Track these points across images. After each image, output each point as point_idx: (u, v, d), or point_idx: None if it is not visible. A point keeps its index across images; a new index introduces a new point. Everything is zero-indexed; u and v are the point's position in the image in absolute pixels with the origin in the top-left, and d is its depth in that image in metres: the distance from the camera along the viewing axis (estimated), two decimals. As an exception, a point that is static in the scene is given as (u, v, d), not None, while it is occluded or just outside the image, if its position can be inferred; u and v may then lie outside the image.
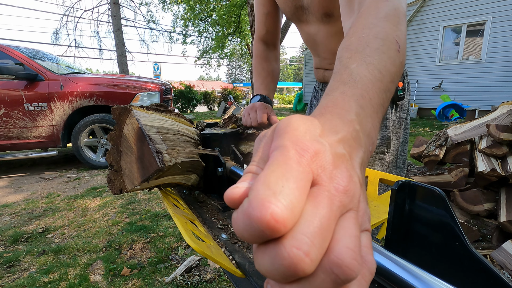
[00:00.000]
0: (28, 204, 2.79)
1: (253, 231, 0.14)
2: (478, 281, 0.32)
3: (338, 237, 0.15)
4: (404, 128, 0.88)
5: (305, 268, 0.13)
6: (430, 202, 0.35)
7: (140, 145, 0.48)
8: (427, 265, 0.36)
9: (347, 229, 0.15)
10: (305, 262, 0.13)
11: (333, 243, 0.14)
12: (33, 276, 1.67)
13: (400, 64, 0.36)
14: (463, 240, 0.33)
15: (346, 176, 0.17)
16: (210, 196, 0.64)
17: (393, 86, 0.34)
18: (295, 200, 0.14)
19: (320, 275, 0.14)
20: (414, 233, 0.38)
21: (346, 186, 0.16)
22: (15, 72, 3.54)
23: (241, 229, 0.14)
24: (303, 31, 0.90)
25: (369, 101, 0.27)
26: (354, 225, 0.16)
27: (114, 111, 0.51)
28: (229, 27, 13.04)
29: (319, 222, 0.14)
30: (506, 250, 1.38)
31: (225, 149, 0.63)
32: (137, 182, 0.48)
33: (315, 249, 0.13)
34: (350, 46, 0.34)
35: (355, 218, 0.16)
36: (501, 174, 1.63)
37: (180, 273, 1.64)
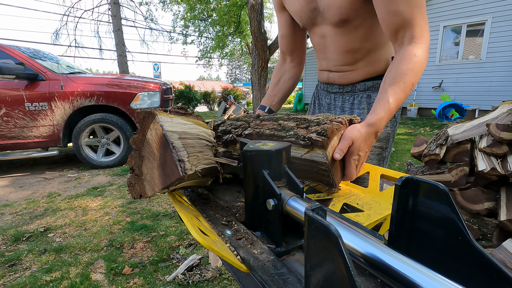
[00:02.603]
0: (29, 204, 2.80)
1: None
2: (482, 275, 0.32)
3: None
4: (396, 127, 1.01)
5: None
6: (433, 198, 0.35)
7: (163, 151, 0.49)
8: (430, 260, 0.36)
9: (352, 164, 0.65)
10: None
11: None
12: (35, 275, 1.68)
13: (408, 95, 0.73)
14: (466, 235, 0.33)
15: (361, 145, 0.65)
16: (255, 234, 0.52)
17: (400, 105, 0.74)
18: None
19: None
20: (417, 228, 0.38)
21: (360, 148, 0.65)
22: (16, 72, 3.54)
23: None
24: (315, 33, 0.95)
25: (390, 114, 0.70)
26: (356, 162, 0.66)
27: (138, 115, 0.52)
28: (229, 27, 13.04)
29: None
30: (506, 249, 1.38)
31: (275, 171, 0.47)
32: (157, 188, 0.49)
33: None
34: (389, 80, 0.72)
35: (357, 159, 0.66)
36: (501, 173, 1.64)
37: (181, 272, 1.64)
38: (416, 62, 0.70)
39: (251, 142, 0.51)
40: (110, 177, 3.64)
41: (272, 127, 0.68)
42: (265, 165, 0.47)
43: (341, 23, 0.83)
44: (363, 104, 0.95)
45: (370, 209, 0.59)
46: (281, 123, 0.68)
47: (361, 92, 0.96)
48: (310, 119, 0.67)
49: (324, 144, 0.58)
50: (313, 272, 0.30)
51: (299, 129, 0.64)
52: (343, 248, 0.25)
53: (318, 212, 0.30)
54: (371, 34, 0.85)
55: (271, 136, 0.66)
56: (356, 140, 0.63)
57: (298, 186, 0.46)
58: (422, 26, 0.72)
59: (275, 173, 0.47)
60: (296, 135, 0.62)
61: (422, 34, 0.72)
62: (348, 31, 0.85)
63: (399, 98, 0.70)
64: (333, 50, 0.92)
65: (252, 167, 0.48)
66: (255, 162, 0.47)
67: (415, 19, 0.71)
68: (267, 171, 0.46)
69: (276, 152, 0.47)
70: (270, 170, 0.47)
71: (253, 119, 0.77)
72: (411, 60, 0.70)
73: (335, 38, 0.88)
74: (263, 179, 0.46)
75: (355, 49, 0.88)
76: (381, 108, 0.69)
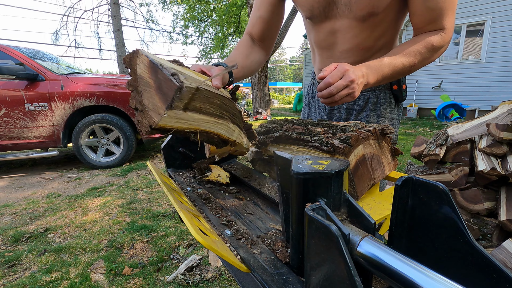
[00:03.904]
0: (29, 204, 2.80)
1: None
2: (482, 275, 0.32)
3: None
4: (398, 126, 1.00)
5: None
6: (433, 198, 0.35)
7: (155, 76, 0.46)
8: (430, 260, 0.36)
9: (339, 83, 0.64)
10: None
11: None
12: (35, 276, 1.68)
13: (407, 72, 0.77)
14: (466, 235, 0.33)
15: (351, 72, 0.65)
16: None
17: (396, 77, 0.77)
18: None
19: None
20: (417, 228, 0.38)
21: (352, 77, 0.65)
22: (16, 72, 3.54)
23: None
24: (324, 28, 0.88)
25: (381, 78, 0.74)
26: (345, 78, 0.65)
27: (124, 60, 0.51)
28: (229, 27, 13.04)
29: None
30: (506, 249, 1.38)
31: (334, 199, 0.37)
32: (162, 110, 0.44)
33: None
34: (399, 51, 0.76)
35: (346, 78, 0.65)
36: (501, 173, 1.64)
37: (181, 272, 1.64)
38: (430, 51, 0.75)
39: (296, 159, 0.40)
40: (110, 177, 3.64)
41: (301, 131, 0.70)
42: (322, 192, 0.35)
43: (368, 16, 0.78)
44: (370, 105, 0.92)
45: (370, 209, 0.59)
46: (309, 127, 0.70)
47: (367, 92, 0.92)
48: (338, 126, 0.67)
49: (345, 151, 0.58)
50: (313, 272, 0.30)
51: (325, 134, 0.65)
52: (343, 248, 0.25)
53: (319, 212, 0.30)
54: (387, 31, 0.84)
55: (297, 140, 0.67)
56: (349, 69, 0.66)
57: (368, 220, 0.34)
58: (451, 21, 0.76)
59: (334, 203, 0.36)
60: (320, 141, 0.63)
61: (449, 29, 0.76)
62: (368, 27, 0.81)
63: (396, 72, 0.75)
64: (345, 48, 0.87)
65: (304, 195, 0.36)
66: (309, 188, 0.35)
67: (448, 16, 0.74)
68: (324, 200, 0.35)
69: (336, 174, 0.35)
70: (328, 198, 0.36)
71: (287, 122, 0.79)
72: (427, 47, 0.75)
73: (350, 33, 0.83)
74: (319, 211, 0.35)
75: (369, 46, 0.85)
76: (378, 68, 0.72)
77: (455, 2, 0.74)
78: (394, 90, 0.91)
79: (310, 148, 0.65)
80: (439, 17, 0.74)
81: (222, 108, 0.51)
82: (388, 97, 0.92)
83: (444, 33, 0.75)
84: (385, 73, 0.73)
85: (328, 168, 0.36)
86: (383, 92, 0.91)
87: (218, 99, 0.50)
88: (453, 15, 0.75)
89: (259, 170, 0.80)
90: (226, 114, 0.52)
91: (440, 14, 0.73)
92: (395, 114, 0.95)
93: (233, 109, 0.53)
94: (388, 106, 0.92)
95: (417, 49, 0.74)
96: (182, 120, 0.45)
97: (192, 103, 0.45)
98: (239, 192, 0.70)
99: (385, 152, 0.69)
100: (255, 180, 0.71)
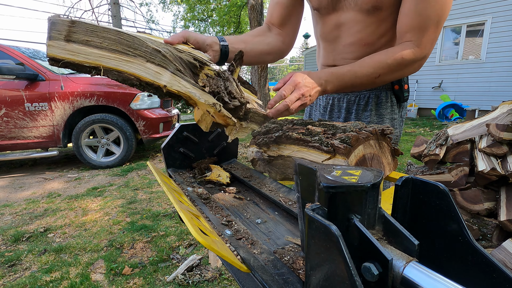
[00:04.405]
0: (29, 204, 2.80)
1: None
2: (482, 275, 0.32)
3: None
4: (403, 126, 0.99)
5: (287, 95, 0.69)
6: (433, 198, 0.35)
7: None
8: (430, 260, 0.37)
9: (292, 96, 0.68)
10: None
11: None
12: (35, 275, 1.68)
13: (373, 83, 0.79)
14: (466, 235, 0.33)
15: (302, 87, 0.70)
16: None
17: (359, 87, 0.82)
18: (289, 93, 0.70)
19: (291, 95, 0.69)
20: (417, 228, 0.38)
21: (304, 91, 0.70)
22: (16, 72, 3.55)
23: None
24: (330, 21, 0.87)
25: (340, 87, 0.77)
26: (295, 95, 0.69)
27: None
28: (229, 27, 13.05)
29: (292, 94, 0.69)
30: (506, 249, 1.38)
31: (369, 215, 0.32)
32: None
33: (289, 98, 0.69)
34: (366, 61, 0.77)
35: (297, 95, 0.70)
36: (501, 173, 1.64)
37: (181, 272, 1.64)
38: (399, 64, 0.73)
39: (322, 169, 0.35)
40: (110, 177, 3.64)
41: (301, 131, 0.70)
42: (356, 208, 0.31)
43: (372, 10, 0.78)
44: (371, 105, 0.91)
45: (370, 209, 0.59)
46: (310, 127, 0.70)
47: (367, 91, 0.91)
48: (338, 126, 0.67)
49: (345, 152, 0.58)
50: (313, 272, 0.30)
51: (325, 134, 0.65)
52: (343, 248, 0.25)
53: (319, 212, 0.30)
54: (390, 30, 0.83)
55: (297, 140, 0.67)
56: (300, 81, 0.69)
57: (409, 241, 0.29)
58: (431, 38, 0.73)
59: (369, 219, 0.32)
60: (320, 141, 0.63)
61: (426, 46, 0.74)
62: (373, 23, 0.81)
63: (358, 81, 0.76)
64: (349, 42, 0.86)
65: (335, 212, 0.31)
66: (340, 203, 0.31)
67: (430, 28, 0.72)
68: (358, 216, 0.31)
69: (372, 187, 0.31)
70: (362, 215, 0.31)
71: (287, 122, 0.79)
72: (396, 59, 0.73)
73: (355, 27, 0.83)
74: (351, 230, 0.30)
75: (371, 43, 0.84)
76: (339, 76, 0.74)
77: (441, 17, 0.72)
78: (396, 90, 0.90)
79: (310, 148, 0.65)
80: (420, 26, 0.72)
81: (121, 43, 0.49)
82: (389, 97, 0.91)
83: (418, 48, 0.73)
84: (346, 82, 0.75)
85: (362, 180, 0.31)
86: (384, 92, 0.90)
87: (111, 33, 0.49)
88: (434, 33, 0.73)
89: (259, 170, 0.80)
90: (132, 51, 0.49)
91: (423, 24, 0.72)
92: (397, 114, 0.93)
93: (145, 47, 0.50)
94: (389, 106, 0.91)
95: (386, 61, 0.73)
96: (72, 52, 0.47)
97: (73, 35, 0.46)
98: (239, 192, 0.70)
99: (385, 152, 0.69)
100: (255, 180, 0.71)
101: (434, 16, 0.71)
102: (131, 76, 0.50)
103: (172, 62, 0.54)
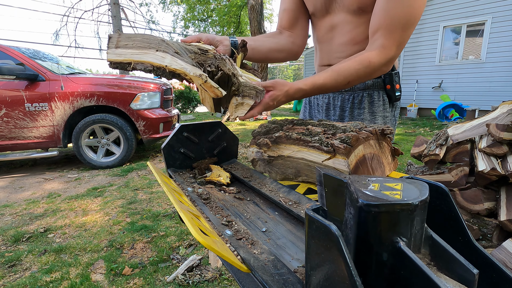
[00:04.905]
0: (29, 204, 2.80)
1: None
2: (482, 275, 0.32)
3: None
4: (396, 125, 1.02)
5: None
6: (433, 198, 0.35)
7: None
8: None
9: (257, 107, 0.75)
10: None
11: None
12: (35, 276, 1.68)
13: (343, 88, 0.82)
14: (466, 235, 0.33)
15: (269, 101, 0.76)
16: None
17: (329, 90, 0.81)
18: None
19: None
20: (417, 228, 0.38)
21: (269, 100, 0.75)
22: (16, 73, 3.55)
23: None
24: (325, 23, 0.94)
25: (308, 93, 0.80)
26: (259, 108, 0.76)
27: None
28: (229, 27, 13.06)
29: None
30: (507, 249, 1.38)
31: (415, 238, 0.27)
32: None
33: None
34: (335, 68, 0.79)
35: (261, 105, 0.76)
36: (501, 173, 1.64)
37: (181, 272, 1.64)
38: (367, 68, 0.77)
39: (356, 182, 0.30)
40: (110, 177, 3.64)
41: (301, 131, 0.70)
42: (402, 229, 0.26)
43: (359, 11, 0.84)
44: (364, 103, 0.95)
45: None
46: (310, 127, 0.70)
47: (360, 90, 0.96)
48: (338, 126, 0.68)
49: (345, 152, 0.58)
50: (313, 272, 0.30)
51: (325, 134, 0.65)
52: (343, 248, 0.25)
53: (319, 212, 0.30)
54: None
55: (298, 140, 0.67)
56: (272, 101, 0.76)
57: (465, 268, 0.25)
58: (397, 40, 0.76)
59: (415, 242, 0.27)
60: (320, 141, 0.63)
61: (391, 47, 0.76)
62: (362, 23, 0.86)
63: (326, 87, 0.79)
64: (342, 41, 0.92)
65: (378, 235, 0.26)
66: (383, 225, 0.26)
67: (397, 30, 0.75)
68: (404, 239, 0.26)
69: (420, 205, 0.26)
70: (409, 237, 0.26)
71: (287, 122, 0.80)
72: (363, 64, 0.77)
73: (346, 28, 0.89)
74: (396, 256, 0.26)
75: (362, 41, 0.89)
76: (309, 88, 0.78)
77: (409, 20, 0.73)
78: (388, 89, 0.94)
79: (310, 148, 0.65)
80: (387, 26, 0.74)
81: (142, 41, 0.64)
82: (381, 96, 0.95)
83: (384, 50, 0.76)
84: (313, 94, 0.81)
85: (408, 196, 0.27)
86: (377, 91, 0.95)
87: (138, 36, 0.66)
88: (400, 36, 0.75)
89: (259, 170, 0.80)
90: (148, 45, 0.64)
91: (390, 24, 0.74)
92: (389, 112, 0.97)
93: (156, 40, 0.66)
94: (381, 105, 0.95)
95: (354, 67, 0.77)
96: (119, 54, 0.62)
97: (119, 42, 0.63)
98: (239, 192, 0.70)
99: (385, 152, 0.69)
100: (255, 181, 0.71)
101: (402, 17, 0.73)
102: (148, 64, 0.64)
103: (172, 47, 0.66)
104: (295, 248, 0.47)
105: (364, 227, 0.26)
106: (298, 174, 0.72)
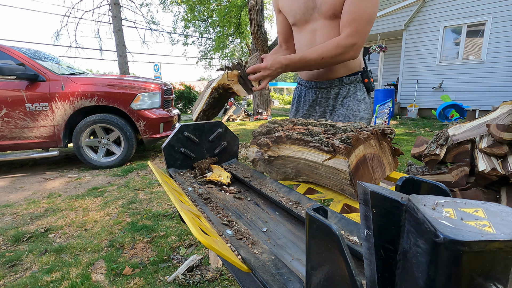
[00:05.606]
0: (29, 204, 2.80)
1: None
2: None
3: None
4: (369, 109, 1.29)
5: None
6: (434, 198, 0.35)
7: None
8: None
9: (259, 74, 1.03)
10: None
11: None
12: (35, 276, 1.68)
13: (320, 63, 1.04)
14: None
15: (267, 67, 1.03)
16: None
17: (309, 68, 1.08)
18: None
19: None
20: (418, 228, 0.38)
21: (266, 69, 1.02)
22: (17, 73, 3.55)
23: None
24: (306, 30, 1.15)
25: (295, 63, 1.04)
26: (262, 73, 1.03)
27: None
28: (229, 27, 13.05)
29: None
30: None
31: (503, 282, 0.20)
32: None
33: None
34: (313, 47, 1.04)
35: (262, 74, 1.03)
36: (502, 173, 1.64)
37: (181, 273, 1.64)
38: (336, 47, 1.01)
39: (418, 202, 0.24)
40: (111, 177, 3.64)
41: (301, 131, 0.70)
42: (497, 274, 0.20)
43: (333, 16, 1.05)
44: (350, 93, 1.20)
45: (370, 209, 0.59)
46: (310, 127, 0.70)
47: (347, 84, 1.20)
48: (338, 126, 0.68)
49: (346, 152, 0.58)
50: (314, 272, 0.30)
51: (326, 134, 0.65)
52: (344, 247, 0.25)
53: (319, 212, 0.31)
54: None
55: (298, 140, 0.67)
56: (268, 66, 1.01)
57: None
58: (359, 30, 1.00)
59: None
60: (320, 141, 0.63)
61: (354, 35, 1.00)
62: (336, 25, 1.07)
63: (308, 64, 1.04)
64: (322, 41, 1.11)
65: (463, 279, 0.20)
66: (471, 267, 0.20)
67: (358, 23, 1.00)
68: (499, 286, 0.21)
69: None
70: (505, 284, 0.21)
71: (287, 122, 0.83)
72: (333, 44, 1.01)
73: (324, 30, 1.10)
74: None
75: None
76: (296, 60, 1.02)
77: (367, 16, 0.98)
78: (365, 83, 1.22)
79: (310, 148, 0.65)
80: (352, 21, 0.99)
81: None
82: (362, 88, 1.22)
83: (349, 36, 1.00)
84: (300, 64, 1.03)
85: (503, 230, 0.20)
86: (358, 84, 1.21)
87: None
88: (361, 26, 0.99)
89: (259, 170, 0.80)
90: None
91: (354, 19, 0.98)
92: (368, 100, 1.25)
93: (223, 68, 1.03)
94: (362, 94, 1.22)
95: (327, 46, 1.01)
96: (221, 80, 0.93)
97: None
98: (239, 192, 0.70)
99: (385, 152, 0.69)
100: (255, 180, 0.71)
101: (362, 14, 0.98)
102: (224, 86, 0.98)
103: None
104: (296, 248, 0.47)
105: (446, 270, 0.20)
106: (298, 174, 0.73)
